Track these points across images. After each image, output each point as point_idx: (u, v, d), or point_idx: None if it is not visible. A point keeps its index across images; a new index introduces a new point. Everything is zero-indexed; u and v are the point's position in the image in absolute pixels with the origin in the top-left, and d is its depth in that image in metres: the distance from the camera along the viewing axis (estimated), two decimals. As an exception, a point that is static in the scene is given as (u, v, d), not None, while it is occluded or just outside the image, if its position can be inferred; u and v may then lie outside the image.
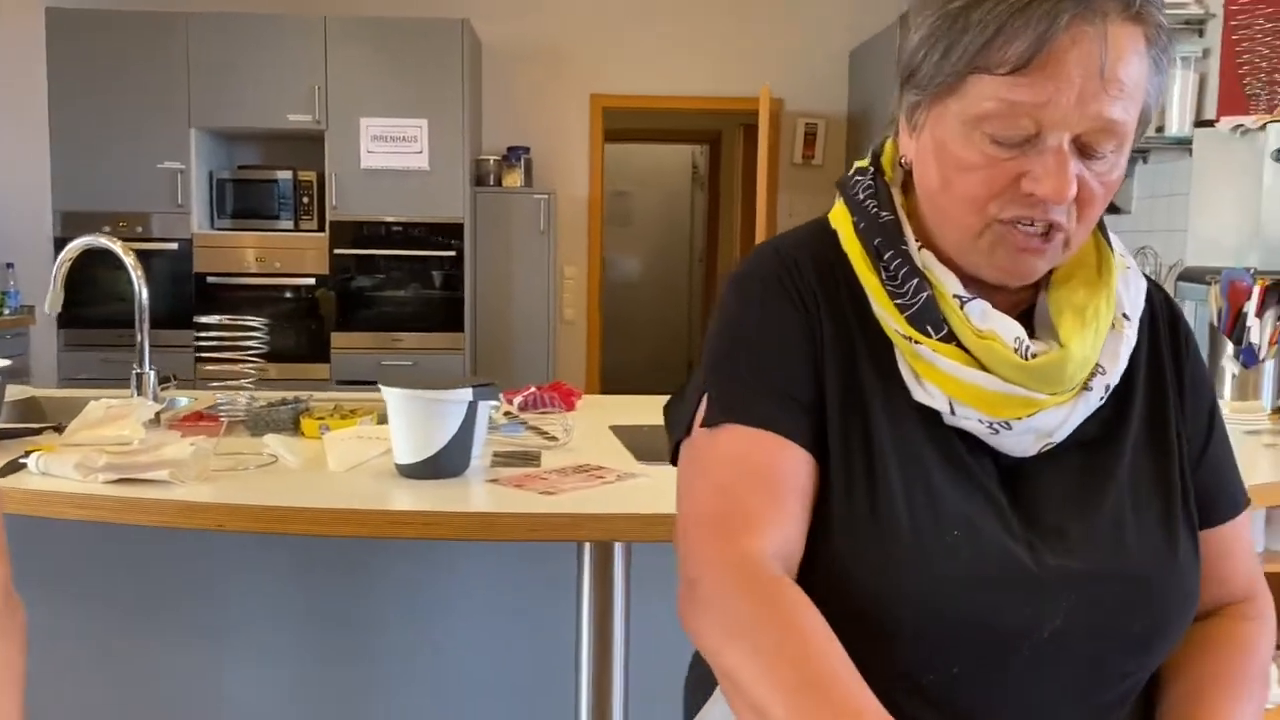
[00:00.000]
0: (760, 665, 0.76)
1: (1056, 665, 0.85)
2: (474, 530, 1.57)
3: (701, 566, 0.84)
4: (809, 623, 0.79)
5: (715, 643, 0.81)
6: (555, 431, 2.18)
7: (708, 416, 0.93)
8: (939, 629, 0.84)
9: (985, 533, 0.86)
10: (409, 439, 1.75)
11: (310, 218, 5.52)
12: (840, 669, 0.76)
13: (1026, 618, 0.84)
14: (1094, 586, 0.85)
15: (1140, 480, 0.91)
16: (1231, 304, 2.62)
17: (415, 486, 1.72)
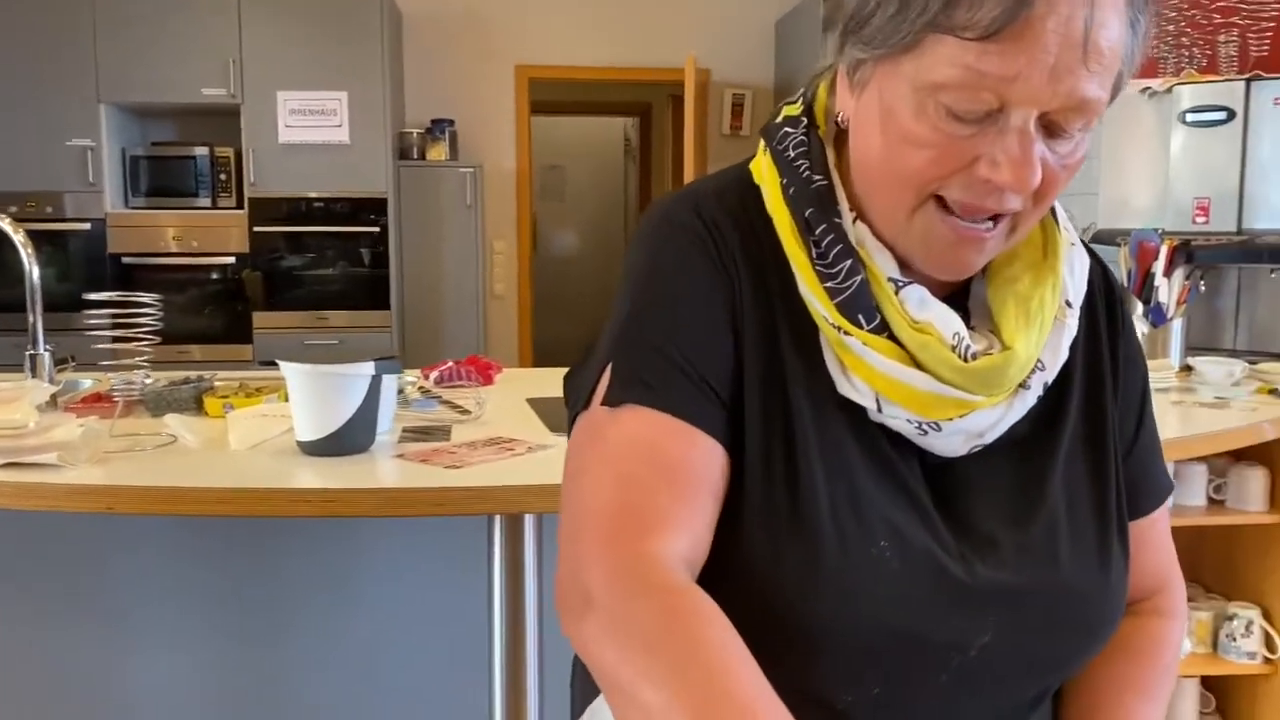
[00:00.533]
0: (665, 688, 0.65)
1: (981, 682, 0.80)
2: (377, 507, 1.54)
3: (597, 571, 0.73)
4: (722, 640, 0.68)
5: (610, 659, 0.69)
6: (469, 405, 2.15)
7: (611, 393, 0.81)
8: (862, 645, 0.77)
9: (915, 544, 0.79)
10: (310, 416, 1.71)
11: (228, 195, 5.39)
12: (757, 695, 0.66)
13: (956, 633, 0.78)
14: (1026, 601, 0.80)
15: (1075, 483, 0.85)
16: (1140, 264, 2.66)
17: (317, 464, 1.68)
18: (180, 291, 5.29)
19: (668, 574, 0.72)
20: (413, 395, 2.27)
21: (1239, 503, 2.46)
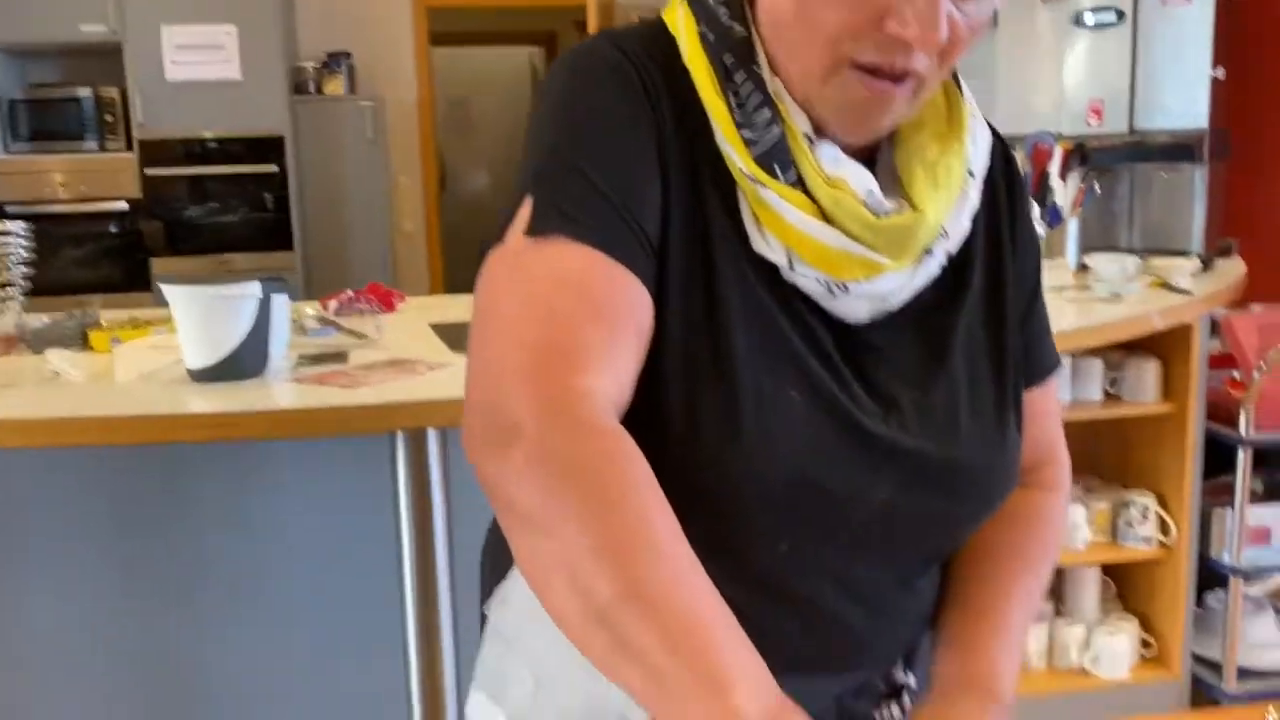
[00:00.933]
0: (591, 529, 0.65)
1: (880, 540, 0.83)
2: (271, 429, 1.50)
3: (527, 404, 0.69)
4: (651, 490, 0.68)
5: (535, 495, 0.67)
6: (367, 331, 2.10)
7: (535, 222, 0.76)
8: (773, 498, 0.78)
9: (824, 394, 0.79)
10: (198, 341, 1.66)
11: (117, 138, 5.16)
12: (684, 551, 0.66)
13: (859, 487, 0.80)
14: (925, 462, 0.81)
15: (976, 353, 0.87)
16: (1036, 166, 2.70)
17: (208, 391, 1.63)
18: (76, 244, 5.08)
19: (601, 415, 0.70)
20: (310, 324, 2.22)
21: (1133, 395, 2.53)
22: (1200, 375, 2.49)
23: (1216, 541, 2.60)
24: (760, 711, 0.63)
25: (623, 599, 0.64)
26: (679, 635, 0.64)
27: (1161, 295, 2.45)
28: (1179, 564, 2.54)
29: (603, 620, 0.65)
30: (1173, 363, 2.51)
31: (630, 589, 0.64)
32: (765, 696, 0.64)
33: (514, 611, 0.93)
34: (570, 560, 0.66)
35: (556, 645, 0.88)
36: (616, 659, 0.66)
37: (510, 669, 0.92)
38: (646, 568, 0.65)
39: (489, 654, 0.96)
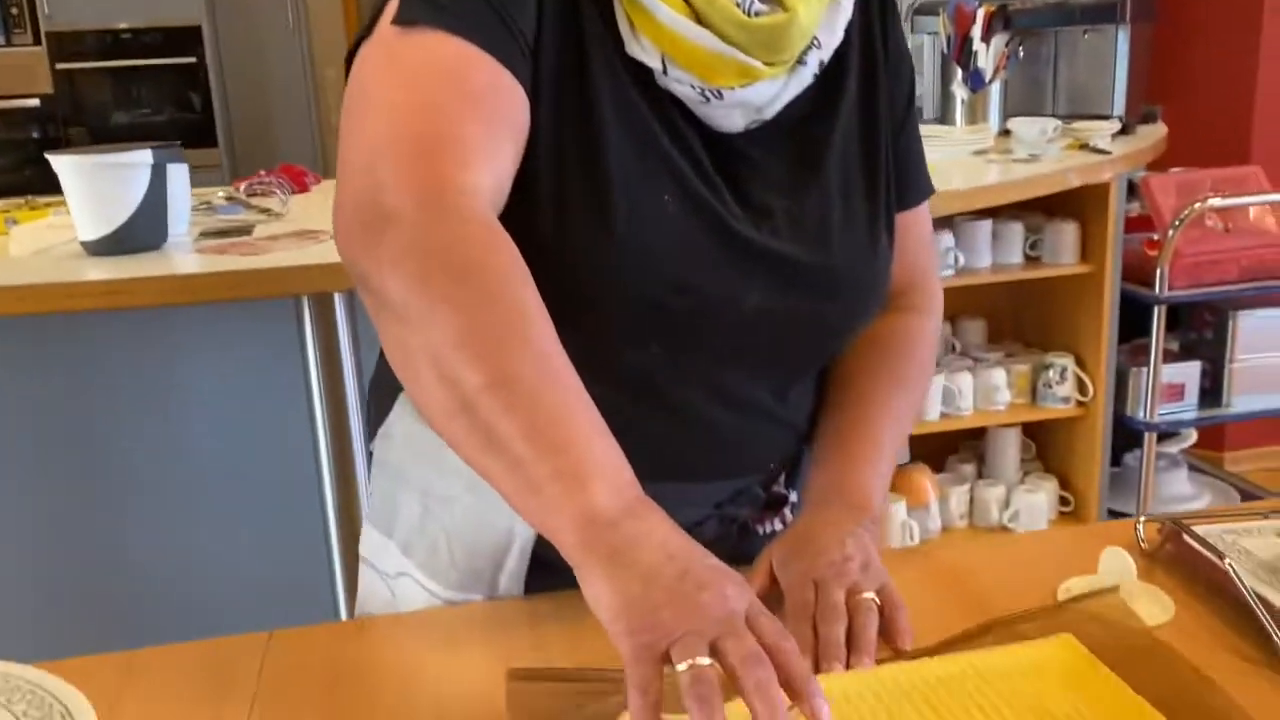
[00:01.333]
0: (464, 315, 0.65)
1: (752, 343, 0.84)
2: (166, 294, 1.47)
3: (405, 192, 0.68)
4: (523, 285, 0.68)
5: (409, 281, 0.66)
6: (274, 207, 2.05)
7: (404, 11, 0.74)
8: (644, 298, 0.79)
9: (696, 198, 0.80)
10: (90, 212, 1.61)
11: (23, 30, 4.94)
12: (556, 349, 0.67)
13: (730, 290, 0.81)
14: (796, 270, 0.83)
15: (849, 165, 0.87)
16: (959, 30, 2.67)
17: (104, 263, 1.59)
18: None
19: (479, 208, 0.70)
20: (218, 203, 2.17)
21: (1053, 257, 2.56)
22: (1117, 236, 2.52)
23: (1132, 400, 2.66)
24: (617, 507, 0.63)
25: (488, 388, 0.64)
26: (542, 426, 0.64)
27: (1080, 156, 2.46)
28: (1095, 422, 2.61)
29: (468, 409, 0.65)
30: (1091, 225, 2.53)
31: (496, 379, 0.64)
32: (624, 493, 0.65)
33: (397, 444, 0.93)
34: (438, 349, 0.66)
35: (441, 470, 0.89)
36: (480, 449, 0.66)
37: (398, 499, 0.93)
38: (515, 359, 0.65)
39: (377, 489, 0.97)
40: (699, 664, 0.57)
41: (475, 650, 0.79)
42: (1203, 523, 0.86)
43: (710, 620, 0.58)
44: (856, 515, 0.83)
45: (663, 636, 0.58)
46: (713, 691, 0.56)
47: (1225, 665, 0.73)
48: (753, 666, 0.56)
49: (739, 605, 0.60)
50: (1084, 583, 0.84)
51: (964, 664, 0.71)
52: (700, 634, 0.58)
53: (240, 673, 0.78)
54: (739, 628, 0.59)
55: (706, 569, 0.62)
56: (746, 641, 0.58)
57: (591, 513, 0.62)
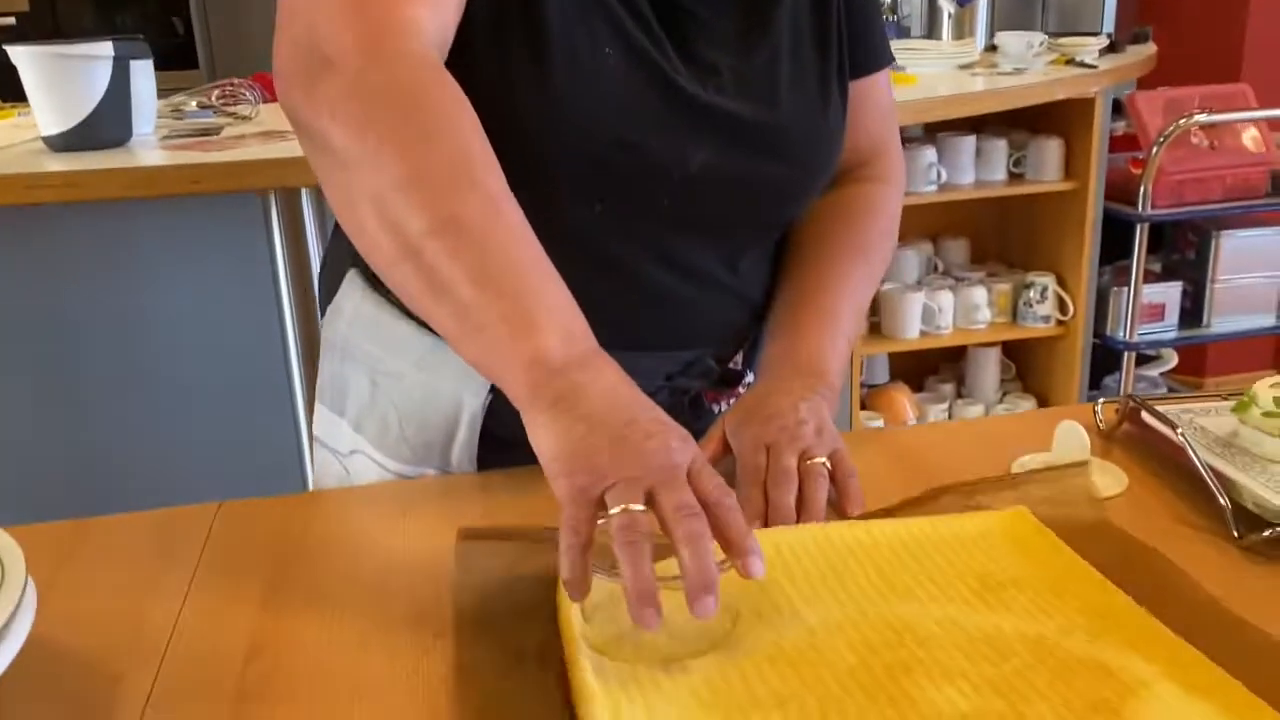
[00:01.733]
0: (411, 157, 0.63)
1: (700, 206, 0.82)
2: (127, 188, 1.44)
3: (345, 34, 0.67)
4: (469, 127, 0.66)
5: (351, 123, 0.65)
6: (245, 111, 2.02)
7: None
8: (585, 155, 0.77)
9: (640, 53, 0.78)
10: (51, 106, 1.57)
11: (-5, -56, 4.82)
12: (504, 191, 0.65)
13: (676, 147, 0.78)
14: (744, 127, 0.81)
15: (800, 25, 0.85)
16: (947, -60, 2.61)
17: (66, 157, 1.56)
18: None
19: (422, 49, 0.68)
20: (188, 109, 2.13)
21: (1036, 174, 2.53)
22: (1101, 153, 2.50)
23: (1113, 320, 2.66)
24: (567, 354, 0.62)
25: (433, 232, 0.63)
26: (490, 271, 0.63)
27: (1067, 70, 2.43)
28: (1075, 341, 2.60)
29: (412, 255, 0.64)
30: (1075, 142, 2.50)
31: (441, 222, 0.63)
32: (576, 342, 0.63)
33: (345, 321, 0.91)
34: (381, 194, 0.64)
35: (388, 347, 0.88)
36: (426, 295, 0.65)
37: (348, 377, 0.92)
38: (460, 202, 0.64)
39: (326, 368, 0.95)
40: (632, 509, 0.56)
41: (426, 521, 0.79)
42: (1162, 404, 0.85)
43: (649, 469, 0.57)
44: (811, 383, 0.81)
45: (599, 480, 0.57)
46: (642, 538, 0.55)
47: (1176, 534, 0.72)
48: (685, 517, 0.55)
49: (682, 459, 0.59)
50: (1038, 459, 0.83)
51: (914, 528, 0.70)
52: (637, 481, 0.57)
53: (186, 542, 0.77)
54: (678, 479, 0.57)
55: (653, 420, 0.61)
56: (683, 493, 0.57)
57: (540, 357, 0.61)
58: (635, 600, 0.53)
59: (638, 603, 0.53)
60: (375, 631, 0.64)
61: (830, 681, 0.54)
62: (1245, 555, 0.69)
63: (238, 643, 0.64)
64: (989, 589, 0.63)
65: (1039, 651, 0.56)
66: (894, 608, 0.61)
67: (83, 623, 0.67)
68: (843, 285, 0.88)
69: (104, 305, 1.67)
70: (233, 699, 0.59)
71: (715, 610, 0.53)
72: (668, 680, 0.55)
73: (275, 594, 0.69)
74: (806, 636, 0.58)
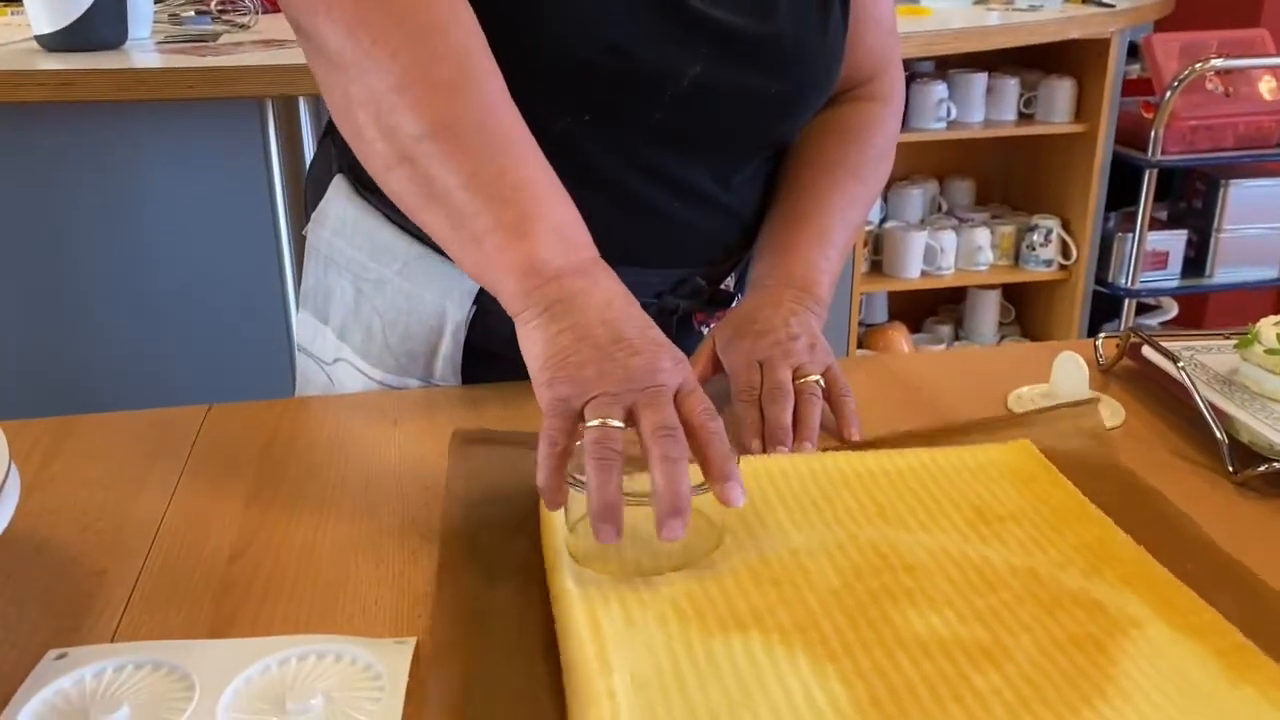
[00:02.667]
0: (399, 69, 0.62)
1: (693, 120, 0.79)
2: (120, 89, 1.41)
3: None
4: (467, 26, 0.65)
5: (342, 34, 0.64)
6: (244, 21, 1.97)
7: None
8: (574, 61, 0.74)
9: None
10: (45, 3, 1.54)
11: None
12: (499, 98, 0.64)
13: (667, 58, 0.76)
14: (740, 39, 0.78)
15: None
16: None
17: (60, 57, 1.53)
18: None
19: None
20: (185, 13, 2.08)
21: (1047, 115, 2.50)
22: (1114, 96, 2.46)
23: (1115, 267, 2.64)
24: (563, 261, 0.61)
25: (430, 135, 0.62)
26: (486, 176, 0.62)
27: (1083, 10, 2.38)
28: (1077, 286, 2.59)
29: (407, 159, 0.63)
30: (1088, 84, 2.46)
31: (437, 126, 0.62)
32: (574, 251, 0.62)
33: (329, 228, 0.90)
34: (377, 96, 0.63)
35: (372, 253, 0.86)
36: (421, 201, 0.64)
37: (332, 283, 0.90)
38: (458, 105, 0.63)
39: (310, 274, 0.94)
40: (609, 424, 0.54)
41: (413, 427, 0.78)
42: (1164, 339, 0.84)
43: (633, 386, 0.56)
44: (802, 296, 0.80)
45: (581, 392, 0.56)
46: (614, 454, 0.54)
47: (1171, 468, 0.72)
48: (663, 438, 0.54)
49: (670, 379, 0.57)
50: (1036, 390, 0.82)
51: (911, 459, 0.69)
52: (618, 397, 0.56)
53: (174, 442, 0.76)
54: (661, 399, 0.56)
55: (645, 338, 0.59)
56: (664, 413, 0.55)
57: (534, 262, 0.60)
58: (596, 515, 0.53)
59: (598, 517, 0.53)
60: (362, 535, 0.64)
61: (812, 602, 0.54)
62: (1239, 491, 0.69)
63: (223, 542, 0.63)
64: (984, 521, 0.62)
65: (1030, 584, 0.56)
66: (884, 534, 0.60)
67: (67, 518, 0.66)
68: (836, 202, 0.86)
69: (95, 208, 1.64)
70: (216, 595, 0.58)
71: (683, 534, 0.53)
72: (648, 590, 0.54)
73: (261, 495, 0.69)
74: (791, 557, 0.57)
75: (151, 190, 1.64)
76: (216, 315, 1.70)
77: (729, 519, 0.60)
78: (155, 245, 1.68)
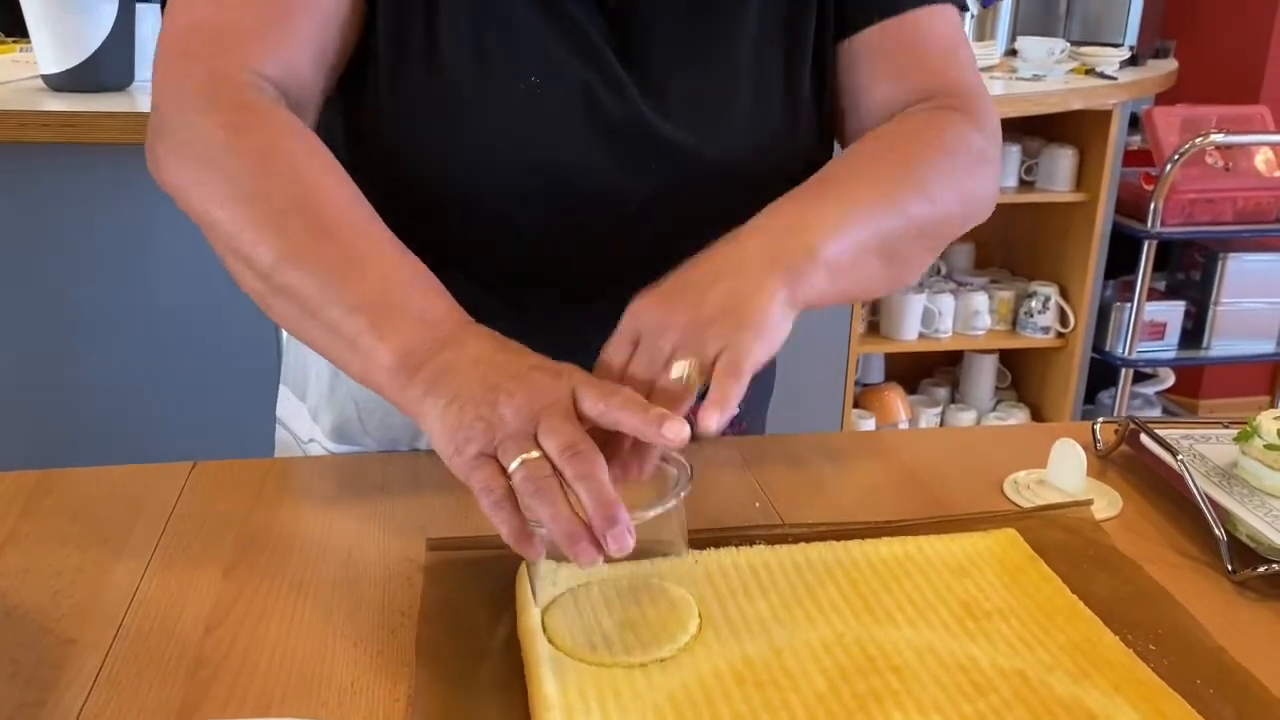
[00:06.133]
0: (232, 208, 0.63)
1: (643, 237, 0.74)
2: (126, 132, 1.41)
3: (168, 90, 0.67)
4: (296, 146, 0.65)
5: (185, 183, 0.65)
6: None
7: None
8: (512, 192, 0.72)
9: (570, 80, 0.71)
10: (53, 44, 1.54)
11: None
12: (344, 204, 0.64)
13: (614, 182, 0.73)
14: (689, 161, 0.73)
15: (768, 18, 0.75)
16: (975, -60, 2.58)
17: (66, 98, 1.53)
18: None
19: (241, 90, 0.66)
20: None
21: (1048, 183, 2.51)
22: (1114, 166, 2.47)
23: (1113, 336, 2.64)
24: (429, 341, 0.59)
25: (281, 262, 0.61)
26: (339, 285, 0.61)
27: (1086, 80, 2.40)
28: (1074, 354, 2.58)
29: (276, 291, 0.62)
30: (1089, 153, 2.48)
31: (283, 250, 0.62)
32: (437, 325, 0.60)
33: None
34: (226, 240, 0.63)
35: None
36: (299, 325, 0.63)
37: (310, 362, 0.89)
38: (291, 223, 0.62)
39: (290, 350, 0.94)
40: (528, 459, 0.53)
41: (399, 492, 0.77)
42: (1163, 428, 0.83)
43: (525, 418, 0.54)
44: (783, 246, 0.63)
45: (485, 445, 0.54)
46: (547, 480, 0.52)
47: (1168, 563, 0.71)
48: (570, 459, 0.52)
49: (555, 394, 0.56)
50: (1033, 477, 0.81)
51: (896, 547, 0.68)
52: (519, 433, 0.54)
53: (155, 501, 0.75)
54: (556, 418, 0.54)
55: (520, 369, 0.57)
56: (564, 431, 0.53)
57: (403, 355, 0.59)
58: (565, 541, 0.51)
59: (568, 542, 0.51)
60: (341, 610, 0.62)
61: (796, 706, 0.52)
62: (1238, 590, 0.68)
63: (199, 613, 0.62)
64: (971, 616, 0.61)
65: (1019, 689, 0.54)
66: (870, 631, 0.59)
67: (39, 579, 0.65)
68: (863, 175, 0.71)
69: (95, 251, 1.64)
70: (189, 670, 0.57)
71: (631, 542, 0.51)
72: (628, 690, 0.53)
73: (241, 564, 0.67)
74: (775, 656, 0.56)
75: (150, 233, 1.63)
76: (213, 360, 1.69)
77: (709, 611, 0.59)
78: (151, 287, 1.67)
